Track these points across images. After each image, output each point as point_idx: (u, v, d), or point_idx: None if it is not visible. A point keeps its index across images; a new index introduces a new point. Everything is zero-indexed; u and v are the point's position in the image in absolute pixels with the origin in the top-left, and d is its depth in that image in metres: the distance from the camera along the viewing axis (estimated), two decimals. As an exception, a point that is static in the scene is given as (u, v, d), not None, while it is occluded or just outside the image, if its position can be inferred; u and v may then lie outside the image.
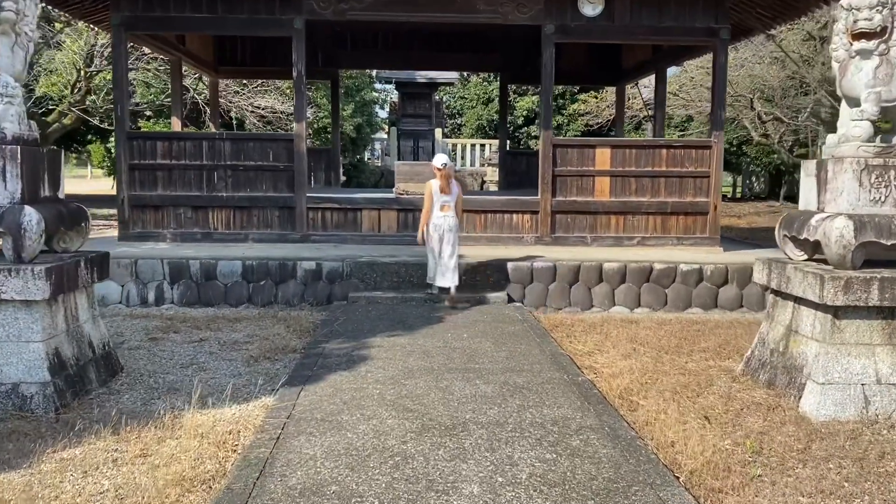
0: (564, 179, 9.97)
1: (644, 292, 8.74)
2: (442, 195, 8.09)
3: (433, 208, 8.07)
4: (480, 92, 32.45)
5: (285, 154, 9.82)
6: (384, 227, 10.01)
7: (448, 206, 8.08)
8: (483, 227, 10.03)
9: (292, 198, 9.82)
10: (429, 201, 8.09)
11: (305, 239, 9.87)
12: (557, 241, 9.97)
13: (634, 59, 13.39)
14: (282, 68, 13.86)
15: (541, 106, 9.95)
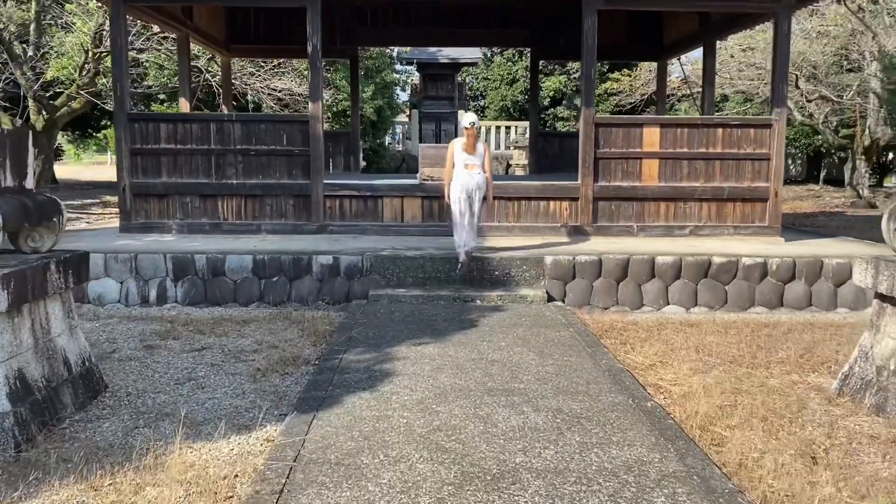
0: (608, 162, 8.99)
1: (701, 289, 7.78)
2: (465, 154, 7.67)
3: (456, 168, 7.72)
4: (504, 72, 31.34)
5: (300, 137, 8.95)
6: (408, 216, 9.13)
7: (473, 164, 7.68)
8: (517, 216, 9.10)
9: (308, 185, 8.97)
10: (449, 160, 7.75)
11: (322, 230, 9.02)
12: (600, 230, 9.02)
13: (678, 32, 12.31)
14: (298, 46, 12.98)
15: (581, 81, 8.97)
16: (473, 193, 7.67)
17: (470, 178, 7.65)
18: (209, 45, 12.34)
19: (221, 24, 12.77)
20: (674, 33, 12.54)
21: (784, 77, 8.80)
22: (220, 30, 12.76)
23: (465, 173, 7.67)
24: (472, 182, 7.66)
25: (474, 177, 7.66)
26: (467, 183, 7.65)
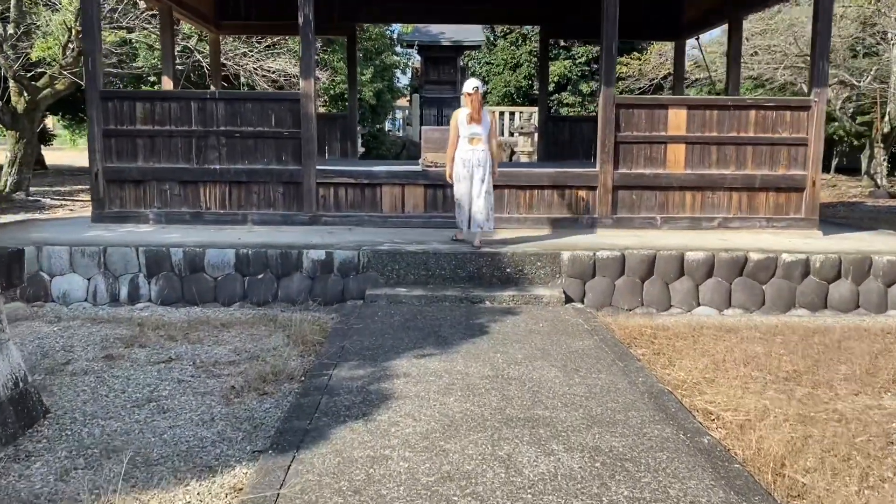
0: (629, 148, 8.16)
1: (736, 289, 6.97)
2: (471, 126, 7.14)
3: (460, 143, 7.20)
4: (508, 56, 30.34)
5: (290, 117, 8.11)
6: (409, 206, 8.30)
7: (478, 138, 7.17)
8: (528, 207, 8.27)
9: (299, 171, 8.13)
10: (454, 133, 7.22)
11: (315, 220, 8.19)
12: (620, 222, 8.20)
13: (698, 10, 11.44)
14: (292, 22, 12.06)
15: (601, 57, 8.11)
16: (474, 170, 7.16)
17: (472, 153, 7.15)
18: (196, 20, 11.47)
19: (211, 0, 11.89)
20: (693, 11, 11.67)
21: (825, 53, 7.96)
22: (209, 4, 11.88)
23: (468, 148, 7.16)
24: (473, 157, 7.15)
25: (476, 152, 7.14)
26: (469, 158, 7.15)
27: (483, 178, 7.20)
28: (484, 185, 7.21)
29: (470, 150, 7.18)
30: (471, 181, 7.20)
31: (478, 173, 7.18)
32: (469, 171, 7.19)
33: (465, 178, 7.20)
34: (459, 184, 7.26)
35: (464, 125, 7.18)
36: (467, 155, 7.16)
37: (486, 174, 7.21)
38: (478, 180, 7.19)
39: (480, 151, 7.18)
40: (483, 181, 7.20)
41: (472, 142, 7.18)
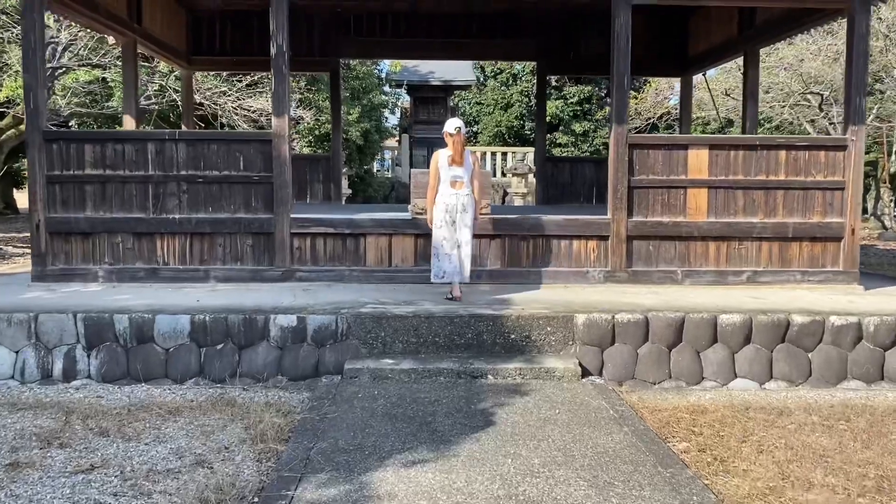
0: (645, 192, 7.23)
1: (778, 358, 5.98)
2: (452, 168, 6.55)
3: (441, 186, 6.60)
4: (498, 97, 29.79)
5: (261, 160, 7.15)
6: (397, 258, 7.31)
7: (461, 181, 6.56)
8: (532, 259, 7.29)
9: (270, 220, 7.14)
10: (434, 176, 6.63)
11: (288, 276, 7.17)
12: (636, 277, 7.23)
13: (709, 42, 10.67)
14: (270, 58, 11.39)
15: (612, 92, 7.24)
16: (458, 216, 6.56)
17: (455, 197, 6.55)
18: (165, 55, 10.58)
19: (181, 32, 11.03)
20: (702, 43, 10.91)
21: (861, 87, 7.11)
22: (180, 38, 11.02)
23: (450, 192, 6.56)
24: (457, 202, 6.55)
25: (459, 196, 6.55)
26: (451, 203, 6.55)
27: (468, 223, 6.60)
28: (467, 231, 6.61)
29: (452, 195, 6.54)
30: (454, 227, 6.58)
31: (461, 219, 6.57)
32: (451, 216, 6.56)
33: (447, 224, 6.58)
34: (440, 230, 6.60)
35: (445, 167, 6.58)
36: (450, 199, 6.53)
37: (469, 220, 6.61)
38: (463, 226, 6.58)
39: (464, 195, 6.56)
40: (468, 227, 6.60)
41: (453, 185, 6.56)
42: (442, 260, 6.65)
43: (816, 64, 16.01)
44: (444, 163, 6.58)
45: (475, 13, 11.18)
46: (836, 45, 16.92)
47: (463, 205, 6.54)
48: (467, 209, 6.55)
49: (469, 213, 6.58)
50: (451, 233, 6.57)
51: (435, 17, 11.27)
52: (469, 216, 6.58)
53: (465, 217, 6.56)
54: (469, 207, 6.57)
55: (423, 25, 11.36)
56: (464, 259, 6.61)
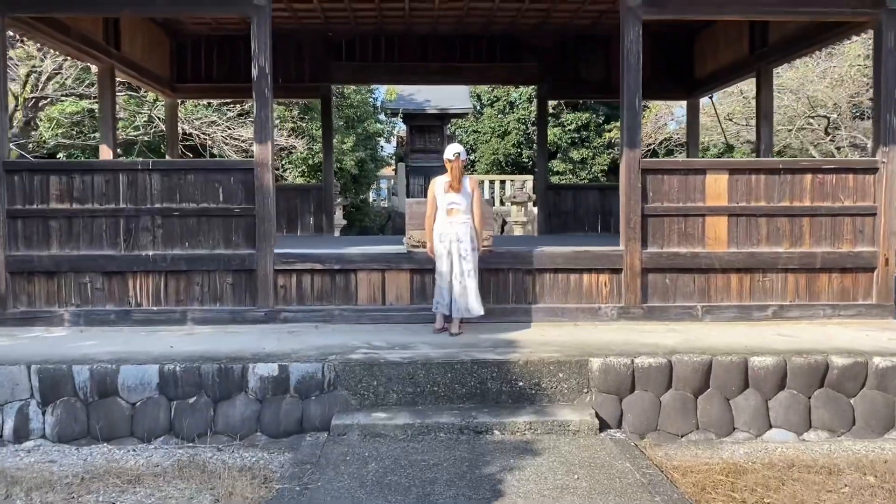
0: (660, 221, 6.66)
1: (817, 405, 5.34)
2: (449, 195, 6.16)
3: (438, 214, 6.22)
4: (495, 125, 29.42)
5: (242, 191, 6.58)
6: (391, 296, 6.70)
7: (457, 209, 6.15)
8: (538, 295, 6.69)
9: (253, 256, 6.54)
10: (431, 205, 6.27)
11: (272, 317, 6.55)
12: (652, 313, 6.62)
13: (717, 63, 10.20)
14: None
15: (622, 114, 6.70)
16: (452, 246, 6.12)
17: (449, 226, 6.13)
18: (147, 82, 10.07)
19: (165, 59, 10.55)
20: (709, 64, 10.43)
21: (892, 105, 6.59)
22: (164, 65, 10.53)
23: (445, 220, 6.16)
24: (451, 231, 6.13)
25: (454, 225, 6.13)
26: (446, 232, 6.15)
27: (464, 254, 6.11)
28: (467, 262, 6.12)
29: (447, 223, 6.14)
30: (450, 258, 6.13)
31: (457, 249, 6.11)
32: (447, 246, 6.14)
33: (444, 255, 6.16)
34: (439, 261, 6.22)
35: (441, 194, 6.20)
36: (444, 228, 6.15)
37: (467, 250, 6.12)
38: (457, 258, 6.12)
39: (460, 224, 6.13)
40: (464, 258, 6.11)
41: (449, 213, 6.16)
42: (436, 292, 6.29)
43: (822, 87, 15.59)
44: (441, 189, 6.20)
45: (473, 35, 10.73)
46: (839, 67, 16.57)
47: (457, 234, 6.09)
48: (462, 239, 6.08)
49: (465, 244, 6.10)
50: (445, 264, 6.14)
51: (430, 40, 10.81)
52: (465, 246, 6.10)
53: (460, 247, 6.10)
54: (465, 237, 6.09)
55: (419, 48, 10.90)
56: (459, 293, 6.11)
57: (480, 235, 6.28)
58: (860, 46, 16.33)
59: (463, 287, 6.09)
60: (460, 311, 6.12)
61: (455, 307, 6.13)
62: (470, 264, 6.10)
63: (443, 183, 6.21)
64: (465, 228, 6.10)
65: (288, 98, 14.98)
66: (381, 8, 9.26)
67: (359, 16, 9.72)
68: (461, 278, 6.09)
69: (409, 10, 9.31)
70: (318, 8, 9.22)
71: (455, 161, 6.13)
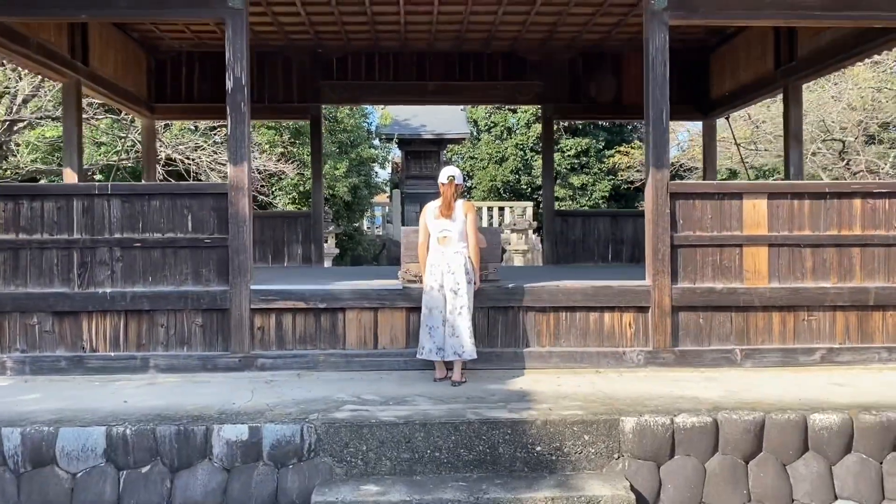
0: (691, 253, 5.85)
1: (891, 471, 4.49)
2: (440, 221, 5.50)
3: (431, 242, 5.56)
4: (493, 151, 28.76)
5: (214, 219, 5.75)
6: (384, 338, 5.85)
7: (448, 237, 5.46)
8: (553, 336, 5.85)
9: (225, 293, 5.70)
10: (423, 233, 5.64)
11: (248, 363, 5.69)
12: (684, 358, 5.78)
13: (735, 80, 9.49)
14: None
15: (647, 131, 5.93)
16: (445, 278, 5.41)
17: (441, 256, 5.44)
18: (122, 101, 9.29)
19: (141, 77, 9.78)
20: (728, 82, 9.72)
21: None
22: (140, 83, 9.76)
23: (435, 249, 5.49)
24: (441, 262, 5.43)
25: (446, 255, 5.42)
26: (436, 263, 5.46)
27: (456, 288, 5.38)
28: (459, 297, 5.39)
29: (438, 253, 5.47)
30: (441, 293, 5.42)
31: (449, 282, 5.40)
32: (438, 279, 5.44)
33: (434, 289, 5.45)
34: (427, 295, 5.50)
35: (432, 220, 5.55)
36: (434, 258, 5.48)
37: (460, 284, 5.39)
38: (450, 291, 5.40)
39: (452, 254, 5.43)
40: (457, 293, 5.38)
41: (440, 242, 5.49)
42: (422, 333, 5.50)
43: (837, 110, 14.95)
44: (432, 215, 5.51)
45: (473, 53, 10.01)
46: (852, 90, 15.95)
47: (449, 265, 5.38)
48: (454, 270, 5.36)
49: (457, 276, 5.36)
50: (435, 299, 5.40)
51: (428, 57, 10.09)
52: (457, 279, 5.36)
53: (451, 280, 5.36)
54: (458, 268, 5.37)
55: (415, 66, 10.17)
56: (449, 332, 5.35)
57: (477, 267, 5.49)
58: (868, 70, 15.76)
59: (453, 326, 5.33)
60: (450, 352, 5.36)
61: (448, 347, 5.36)
62: (463, 300, 5.34)
63: (433, 208, 5.55)
64: (459, 259, 5.38)
65: (275, 119, 14.23)
66: (374, 22, 8.54)
67: (350, 31, 9.00)
68: (452, 316, 5.34)
69: (405, 24, 8.60)
70: (307, 21, 8.49)
71: (448, 185, 5.52)
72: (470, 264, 5.41)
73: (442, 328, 5.38)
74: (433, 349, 5.40)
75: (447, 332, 5.35)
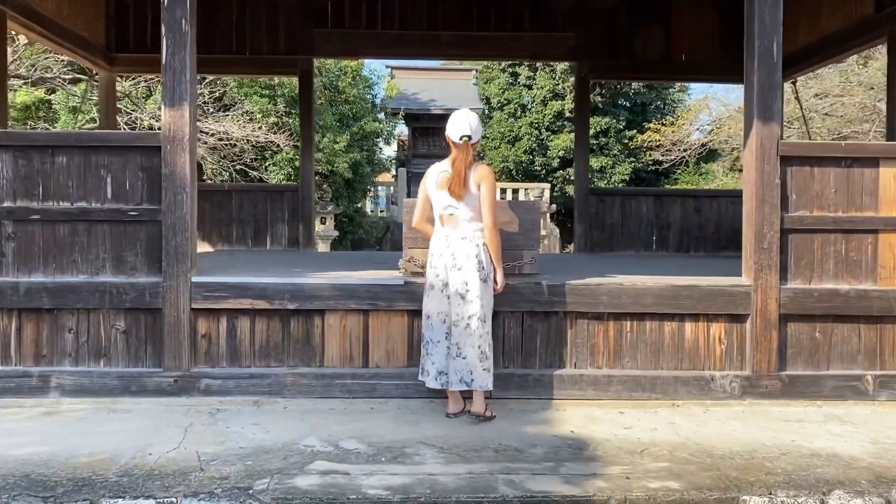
0: (807, 240, 4.20)
1: None
2: (443, 194, 3.80)
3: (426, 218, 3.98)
4: (506, 129, 27.07)
5: (143, 183, 4.13)
6: (377, 352, 4.22)
7: (454, 215, 3.79)
8: (613, 355, 4.21)
9: (157, 287, 4.08)
10: (420, 206, 3.97)
11: (187, 386, 4.08)
12: (793, 386, 4.15)
13: (811, 34, 7.80)
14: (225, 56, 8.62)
15: (752, 70, 4.24)
16: (450, 274, 3.77)
17: (444, 242, 3.83)
18: (71, 48, 7.63)
19: (98, 21, 8.13)
20: (802, 37, 8.01)
21: None
22: (96, 29, 8.11)
23: (440, 234, 3.86)
24: (445, 250, 3.81)
25: (451, 242, 3.79)
26: (439, 252, 3.84)
27: (464, 290, 3.74)
28: (468, 303, 3.73)
29: (442, 238, 3.85)
30: (445, 294, 3.81)
31: (455, 280, 3.76)
32: (441, 275, 3.82)
33: (435, 288, 3.86)
34: (427, 297, 3.92)
35: (434, 189, 3.87)
36: (437, 245, 3.87)
37: (470, 285, 3.73)
38: (455, 295, 3.76)
39: (459, 241, 3.78)
40: (465, 297, 3.74)
41: (443, 221, 3.86)
42: (422, 349, 3.90)
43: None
44: (434, 182, 3.86)
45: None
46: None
47: (453, 256, 3.75)
48: (460, 264, 3.72)
49: (465, 273, 3.72)
50: (437, 303, 3.83)
51: (439, 4, 8.39)
52: (465, 276, 3.72)
53: (457, 278, 3.73)
54: (465, 261, 3.72)
55: (425, 14, 8.46)
56: (455, 351, 3.74)
57: (498, 257, 3.79)
58: None
59: (458, 345, 3.69)
60: (454, 379, 3.72)
61: (453, 373, 3.73)
62: (473, 306, 3.70)
63: (435, 175, 3.85)
64: (467, 247, 3.73)
65: (257, 74, 12.49)
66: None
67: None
68: (458, 329, 3.70)
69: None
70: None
71: (462, 150, 3.75)
72: (485, 255, 3.76)
73: (445, 344, 3.78)
74: (434, 374, 3.80)
75: (452, 351, 3.73)
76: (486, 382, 3.74)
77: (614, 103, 25.57)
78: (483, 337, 3.72)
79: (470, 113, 3.86)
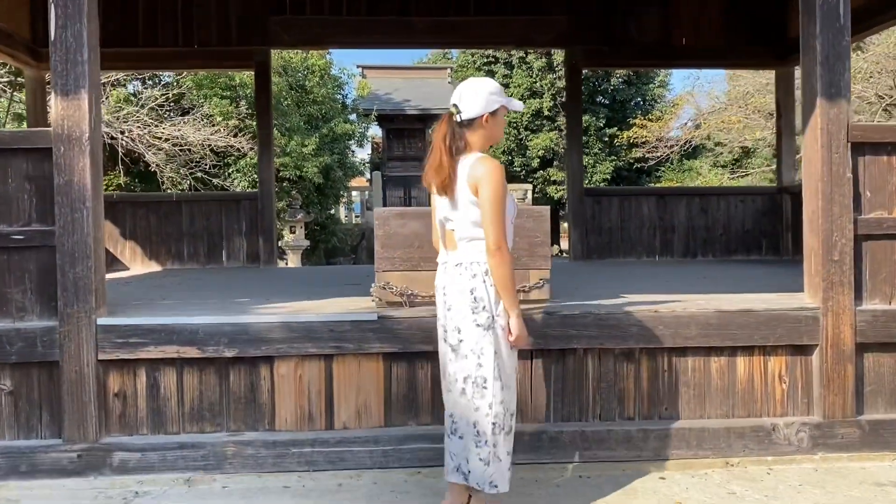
0: (888, 247, 3.34)
1: None
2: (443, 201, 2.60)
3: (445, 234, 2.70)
4: (485, 129, 26.23)
5: (31, 196, 3.16)
6: (345, 410, 3.27)
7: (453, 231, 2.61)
8: (647, 402, 3.30)
9: (52, 333, 3.10)
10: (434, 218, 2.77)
11: (95, 462, 3.10)
12: (875, 436, 3.28)
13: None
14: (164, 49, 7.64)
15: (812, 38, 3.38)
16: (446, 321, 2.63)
17: (441, 275, 2.71)
18: (-12, 41, 6.61)
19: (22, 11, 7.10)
20: (816, 14, 7.19)
21: None
22: (19, 20, 7.08)
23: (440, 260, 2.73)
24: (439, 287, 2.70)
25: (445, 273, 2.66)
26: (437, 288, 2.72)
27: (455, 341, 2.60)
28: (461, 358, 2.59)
29: (440, 265, 2.73)
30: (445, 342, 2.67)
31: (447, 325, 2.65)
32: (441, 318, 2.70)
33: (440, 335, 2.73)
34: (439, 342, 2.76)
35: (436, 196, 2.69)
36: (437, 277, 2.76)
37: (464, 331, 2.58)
38: (447, 347, 2.66)
39: (452, 270, 2.63)
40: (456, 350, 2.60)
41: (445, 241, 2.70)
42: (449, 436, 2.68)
43: None
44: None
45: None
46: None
47: (444, 291, 2.67)
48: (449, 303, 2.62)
49: (454, 314, 2.60)
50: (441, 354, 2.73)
51: (414, -16, 7.49)
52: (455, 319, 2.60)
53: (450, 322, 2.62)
54: (454, 297, 2.60)
55: (396, -3, 7.55)
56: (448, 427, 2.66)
57: (508, 287, 2.55)
58: None
59: (452, 418, 2.64)
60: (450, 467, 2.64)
61: (445, 457, 2.67)
62: (468, 365, 2.57)
63: None
64: (461, 280, 2.59)
65: (207, 69, 11.49)
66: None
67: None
68: (452, 396, 2.64)
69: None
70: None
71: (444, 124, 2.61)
72: (488, 289, 2.57)
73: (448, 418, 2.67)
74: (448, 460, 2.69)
75: (447, 425, 2.66)
76: (487, 480, 2.52)
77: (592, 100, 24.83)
78: (483, 410, 2.52)
79: (475, 81, 2.66)
